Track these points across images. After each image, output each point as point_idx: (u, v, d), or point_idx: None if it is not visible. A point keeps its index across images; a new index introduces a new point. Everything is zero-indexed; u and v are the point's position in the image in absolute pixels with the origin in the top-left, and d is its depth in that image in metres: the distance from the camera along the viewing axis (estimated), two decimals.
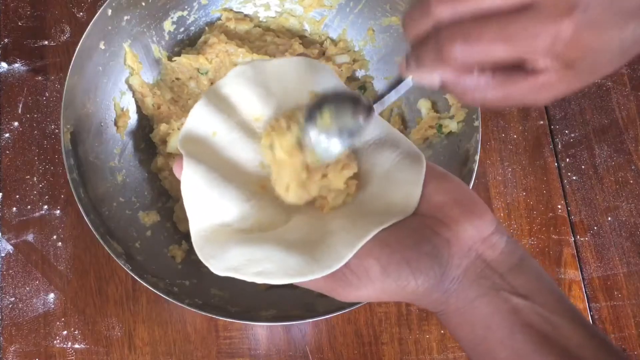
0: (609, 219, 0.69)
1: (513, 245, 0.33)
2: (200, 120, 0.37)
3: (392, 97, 0.37)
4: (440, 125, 0.63)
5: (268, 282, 0.32)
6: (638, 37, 0.29)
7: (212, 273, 0.65)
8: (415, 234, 0.33)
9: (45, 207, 0.67)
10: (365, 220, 0.33)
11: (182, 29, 0.69)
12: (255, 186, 0.37)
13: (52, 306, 0.64)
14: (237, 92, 0.37)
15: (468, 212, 0.33)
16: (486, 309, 0.31)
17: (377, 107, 0.37)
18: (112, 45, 0.61)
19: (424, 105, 0.65)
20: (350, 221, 0.34)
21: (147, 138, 0.67)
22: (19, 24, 0.73)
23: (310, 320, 0.55)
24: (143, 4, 0.62)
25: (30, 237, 0.66)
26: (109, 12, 0.59)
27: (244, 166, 0.37)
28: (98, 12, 0.58)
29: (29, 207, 0.66)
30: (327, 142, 0.34)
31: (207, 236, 0.34)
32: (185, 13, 0.67)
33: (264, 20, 0.72)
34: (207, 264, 0.34)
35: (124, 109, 0.64)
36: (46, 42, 0.72)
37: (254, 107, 0.37)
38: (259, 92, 0.37)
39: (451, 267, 0.32)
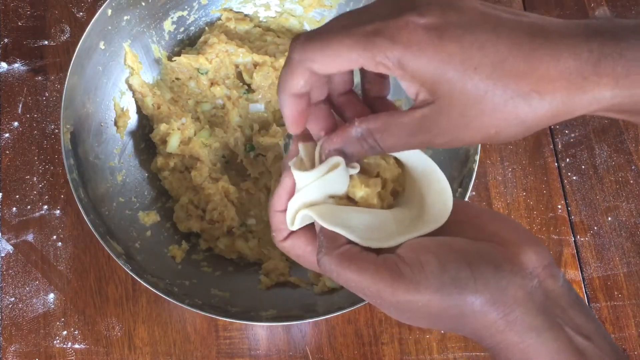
0: (609, 219, 0.69)
1: (569, 283, 0.31)
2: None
3: None
4: None
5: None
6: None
7: (212, 273, 0.66)
8: (475, 244, 0.31)
9: (45, 207, 0.67)
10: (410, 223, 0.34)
11: (182, 29, 0.68)
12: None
13: (52, 306, 0.64)
14: None
15: (527, 238, 0.31)
16: (552, 345, 0.28)
17: None
18: (112, 45, 0.61)
19: None
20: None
21: (147, 138, 0.67)
22: (19, 24, 0.73)
23: (310, 320, 0.55)
24: (143, 4, 0.62)
25: (30, 237, 0.66)
26: (109, 12, 0.59)
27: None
28: (98, 12, 0.58)
29: (29, 207, 0.66)
30: None
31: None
32: (185, 13, 0.67)
33: (264, 20, 0.72)
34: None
35: (124, 109, 0.64)
36: (46, 42, 0.72)
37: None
38: None
39: (514, 285, 0.29)
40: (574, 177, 0.71)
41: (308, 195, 0.34)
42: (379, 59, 0.28)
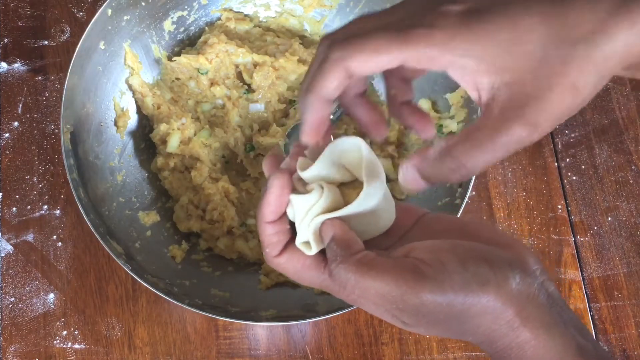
0: (609, 219, 0.69)
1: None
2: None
3: None
4: (441, 126, 0.63)
5: None
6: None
7: (212, 273, 0.66)
8: (481, 246, 0.31)
9: (45, 207, 0.67)
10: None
11: (182, 29, 0.68)
12: None
13: (52, 306, 0.64)
14: None
15: (520, 243, 0.31)
16: (560, 341, 0.29)
17: None
18: (112, 45, 0.61)
19: (424, 105, 0.65)
20: None
21: (147, 138, 0.67)
22: (19, 24, 0.73)
23: (310, 320, 0.55)
24: (143, 4, 0.62)
25: (30, 237, 0.66)
26: (109, 12, 0.59)
27: None
28: (98, 12, 0.58)
29: (29, 207, 0.66)
30: None
31: None
32: (185, 13, 0.67)
33: (264, 20, 0.72)
34: None
35: (124, 109, 0.64)
36: (46, 42, 0.72)
37: None
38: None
39: (525, 283, 0.29)
40: (574, 177, 0.71)
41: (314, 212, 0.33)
42: (422, 51, 0.27)
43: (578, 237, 0.69)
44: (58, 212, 0.66)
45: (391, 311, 0.30)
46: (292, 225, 0.34)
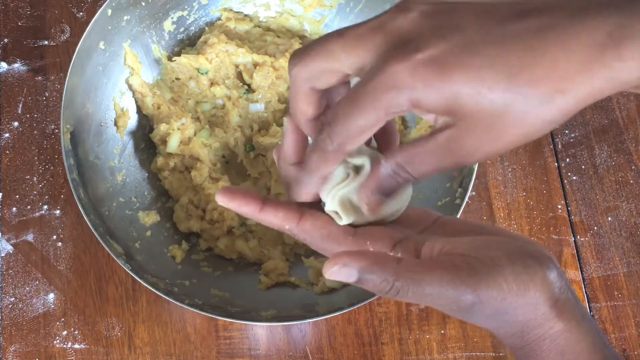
0: (609, 219, 0.69)
1: None
2: None
3: None
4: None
5: None
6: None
7: (212, 273, 0.66)
8: (515, 241, 0.31)
9: (45, 207, 0.67)
10: None
11: (182, 29, 0.68)
12: None
13: (52, 306, 0.64)
14: None
15: (539, 244, 0.32)
16: (588, 336, 0.30)
17: None
18: (112, 45, 0.61)
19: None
20: None
21: (147, 138, 0.67)
22: (19, 24, 0.73)
23: (310, 320, 0.55)
24: (143, 4, 0.62)
25: (30, 237, 0.66)
26: (109, 12, 0.59)
27: None
28: (98, 12, 0.58)
29: (29, 207, 0.66)
30: None
31: None
32: (185, 13, 0.67)
33: (264, 20, 0.72)
34: None
35: (124, 109, 0.64)
36: (46, 42, 0.72)
37: None
38: None
39: (556, 276, 0.30)
40: (574, 177, 0.71)
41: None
42: (391, 109, 0.27)
43: (578, 237, 0.69)
44: (58, 212, 0.66)
45: (447, 308, 0.30)
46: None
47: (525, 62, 0.25)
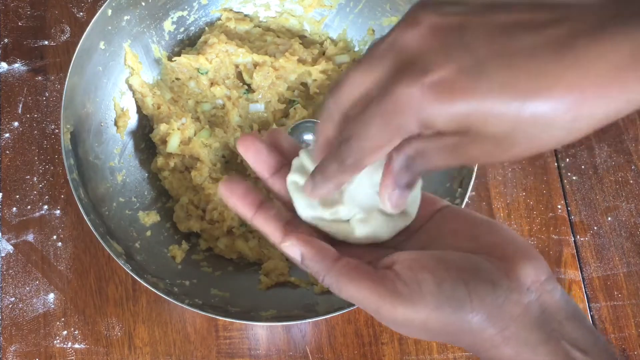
0: (609, 219, 0.69)
1: (567, 296, 0.31)
2: None
3: None
4: None
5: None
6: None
7: (212, 273, 0.66)
8: (471, 259, 0.30)
9: (45, 207, 0.67)
10: None
11: (182, 29, 0.69)
12: None
13: (52, 306, 0.64)
14: None
15: (524, 252, 0.31)
16: (547, 359, 0.29)
17: None
18: (112, 45, 0.61)
19: None
20: None
21: (147, 138, 0.67)
22: (19, 24, 0.73)
23: (310, 320, 0.55)
24: (143, 4, 0.62)
25: (30, 237, 0.66)
26: (109, 12, 0.59)
27: None
28: (98, 12, 0.58)
29: (29, 207, 0.66)
30: None
31: None
32: (185, 13, 0.67)
33: (264, 20, 0.72)
34: None
35: (124, 109, 0.64)
36: (46, 42, 0.72)
37: None
38: None
39: (510, 302, 0.29)
40: (574, 177, 0.71)
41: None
42: (400, 131, 0.28)
43: (578, 237, 0.69)
44: (58, 212, 0.66)
45: (374, 316, 0.31)
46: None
47: (537, 86, 0.24)
